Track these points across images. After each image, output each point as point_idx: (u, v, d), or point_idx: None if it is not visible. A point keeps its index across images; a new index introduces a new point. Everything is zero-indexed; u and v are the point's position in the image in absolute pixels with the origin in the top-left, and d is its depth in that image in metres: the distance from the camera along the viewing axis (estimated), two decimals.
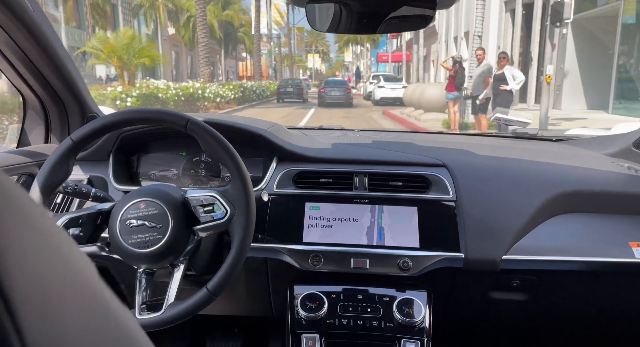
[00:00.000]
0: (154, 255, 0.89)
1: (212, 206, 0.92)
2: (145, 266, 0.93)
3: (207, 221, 0.92)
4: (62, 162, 0.92)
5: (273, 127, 1.28)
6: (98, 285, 0.24)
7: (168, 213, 0.89)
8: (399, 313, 1.02)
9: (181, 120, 0.91)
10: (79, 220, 0.94)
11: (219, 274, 0.89)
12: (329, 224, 1.13)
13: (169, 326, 0.87)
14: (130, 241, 0.89)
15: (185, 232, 0.92)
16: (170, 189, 0.95)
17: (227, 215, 0.91)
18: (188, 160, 1.29)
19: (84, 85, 1.33)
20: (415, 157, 1.24)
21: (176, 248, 0.91)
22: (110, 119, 0.94)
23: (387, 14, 0.91)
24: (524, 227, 1.09)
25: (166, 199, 0.91)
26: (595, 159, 1.37)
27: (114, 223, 0.90)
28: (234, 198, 0.92)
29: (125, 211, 0.90)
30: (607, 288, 1.16)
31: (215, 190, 0.94)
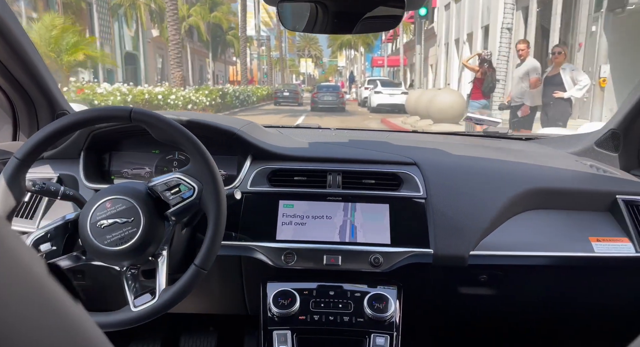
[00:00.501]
0: (134, 249, 0.88)
1: (179, 187, 0.91)
2: (128, 262, 0.91)
3: (177, 202, 0.91)
4: (12, 183, 0.89)
5: (248, 125, 1.28)
6: (49, 283, 0.24)
7: (136, 205, 0.89)
8: (370, 308, 1.04)
9: (123, 113, 0.90)
10: (47, 235, 0.92)
11: (204, 248, 0.89)
12: (303, 222, 1.14)
13: (168, 310, 0.87)
14: (106, 242, 0.88)
15: (159, 219, 0.91)
16: (132, 183, 0.95)
17: (195, 191, 0.91)
18: (161, 158, 1.28)
19: (54, 82, 1.31)
20: (388, 156, 1.26)
21: (154, 237, 0.90)
22: (51, 128, 0.92)
23: (362, 13, 0.91)
24: (491, 224, 1.12)
25: (131, 192, 0.90)
26: (561, 158, 1.43)
27: (85, 229, 0.89)
28: (197, 174, 0.92)
29: (93, 214, 0.89)
30: (569, 282, 1.19)
31: (177, 171, 0.93)
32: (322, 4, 0.90)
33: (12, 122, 1.33)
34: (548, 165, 1.30)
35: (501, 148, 1.55)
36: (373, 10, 0.91)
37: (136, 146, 1.28)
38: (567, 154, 1.49)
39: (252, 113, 17.37)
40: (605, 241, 1.12)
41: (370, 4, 0.90)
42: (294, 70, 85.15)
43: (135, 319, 0.87)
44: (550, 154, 1.49)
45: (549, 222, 1.16)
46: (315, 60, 76.04)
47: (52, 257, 0.91)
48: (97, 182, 1.21)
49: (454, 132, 2.11)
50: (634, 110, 1.27)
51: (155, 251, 0.92)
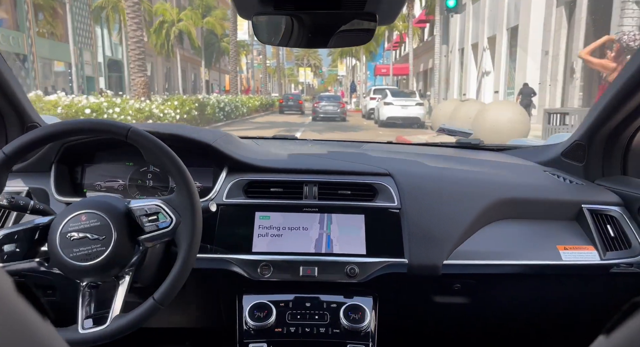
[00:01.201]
0: (97, 267, 0.85)
1: (157, 215, 0.89)
2: (89, 279, 0.89)
3: (151, 230, 0.89)
4: None
5: (223, 136, 1.26)
6: (15, 300, 0.23)
7: (111, 224, 0.86)
8: (346, 319, 1.04)
9: (121, 130, 0.89)
10: (14, 236, 0.89)
11: (166, 283, 0.87)
12: (279, 233, 1.12)
13: (115, 338, 0.85)
14: (72, 255, 0.85)
15: (130, 243, 0.89)
16: (112, 200, 0.92)
17: (172, 223, 0.89)
18: (135, 170, 1.25)
19: (23, 94, 1.28)
20: (363, 167, 1.26)
21: (120, 260, 0.88)
22: (47, 130, 0.90)
23: (337, 27, 0.92)
24: (464, 233, 1.12)
25: (108, 210, 0.88)
26: (530, 168, 1.45)
27: (54, 237, 0.86)
28: (178, 206, 0.90)
29: (66, 224, 0.86)
30: (538, 290, 1.19)
31: (159, 199, 0.91)
32: (298, 18, 0.90)
33: None
34: (517, 176, 1.33)
35: (473, 158, 1.56)
36: (347, 24, 0.91)
37: (109, 158, 1.25)
38: (535, 164, 1.50)
39: (239, 127, 14.84)
40: (572, 249, 1.14)
41: (345, 18, 0.91)
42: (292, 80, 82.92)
43: (79, 341, 0.83)
44: (520, 164, 1.51)
45: (519, 232, 1.18)
46: (314, 70, 73.82)
47: (13, 259, 0.88)
48: (69, 195, 1.17)
49: (428, 143, 2.13)
50: (596, 122, 1.27)
51: (118, 273, 0.89)
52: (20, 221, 1.14)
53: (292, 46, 0.96)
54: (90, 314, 0.87)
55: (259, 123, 16.73)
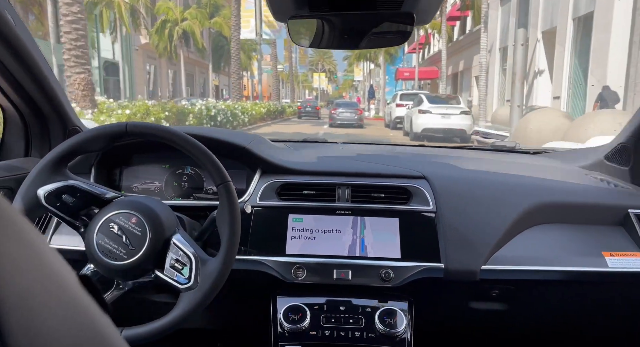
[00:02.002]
0: (108, 268, 0.86)
1: (182, 267, 0.87)
2: (96, 268, 0.89)
3: (169, 275, 0.88)
4: (104, 138, 0.91)
5: (256, 139, 1.27)
6: (80, 293, 0.24)
7: (147, 243, 0.86)
8: (381, 324, 1.02)
9: (218, 179, 0.90)
10: (77, 192, 0.90)
11: (141, 329, 0.85)
12: (312, 236, 1.12)
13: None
14: (100, 241, 0.85)
15: (147, 267, 0.88)
16: (167, 221, 0.90)
17: (187, 285, 0.87)
18: (171, 172, 1.27)
19: (66, 98, 1.31)
20: (397, 169, 1.24)
21: (129, 274, 0.88)
22: (169, 132, 0.91)
23: (369, 30, 0.90)
24: (502, 238, 1.10)
25: (156, 228, 0.87)
26: (570, 172, 1.41)
27: (101, 216, 0.87)
28: (205, 274, 0.87)
29: (118, 213, 0.87)
30: (582, 297, 1.16)
31: (197, 252, 0.88)
32: (329, 20, 0.89)
33: (24, 138, 1.32)
34: (558, 179, 1.28)
35: (510, 162, 1.52)
36: (380, 26, 0.88)
37: (146, 161, 1.27)
38: (576, 168, 1.45)
39: None
40: (619, 255, 1.09)
41: (378, 20, 0.87)
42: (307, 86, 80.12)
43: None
44: (560, 168, 1.46)
45: (561, 237, 1.14)
46: (329, 75, 70.85)
47: (62, 209, 0.89)
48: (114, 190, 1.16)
49: (461, 145, 2.12)
50: None
51: (120, 280, 0.90)
52: (61, 223, 1.13)
53: (324, 48, 0.95)
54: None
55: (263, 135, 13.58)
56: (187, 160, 1.21)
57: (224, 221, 0.89)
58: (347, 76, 58.64)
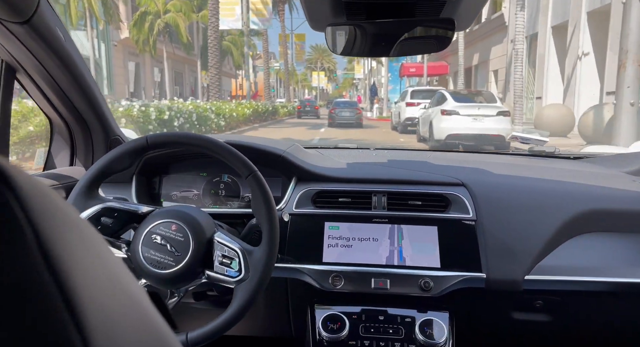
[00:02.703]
0: (159, 277, 0.87)
1: (231, 261, 0.89)
2: (147, 281, 0.90)
3: (219, 272, 0.90)
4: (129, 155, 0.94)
5: (291, 147, 1.27)
6: (150, 308, 0.24)
7: (192, 245, 0.87)
8: (421, 334, 1.00)
9: (245, 170, 0.91)
10: (114, 213, 0.92)
11: (205, 329, 0.86)
12: (349, 244, 1.10)
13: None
14: (146, 255, 0.87)
15: (197, 270, 0.90)
16: (205, 223, 0.92)
17: (239, 276, 0.89)
18: (208, 181, 1.27)
19: (108, 109, 1.33)
20: (434, 176, 1.20)
21: (181, 280, 0.89)
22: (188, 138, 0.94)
23: (400, 36, 0.89)
24: (545, 247, 1.06)
25: (197, 231, 0.89)
26: (616, 177, 1.33)
27: (142, 230, 0.88)
28: (253, 262, 0.89)
29: (157, 225, 0.88)
30: (631, 310, 1.11)
31: (241, 245, 0.90)
32: (362, 29, 0.89)
33: (69, 148, 1.36)
34: (604, 186, 1.21)
35: (550, 167, 1.45)
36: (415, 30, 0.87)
37: (184, 169, 1.28)
38: (622, 173, 1.36)
39: None
40: None
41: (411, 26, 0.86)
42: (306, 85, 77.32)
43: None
44: (604, 173, 1.38)
45: (609, 246, 1.09)
46: (328, 74, 68.00)
47: (103, 231, 0.91)
48: (147, 204, 1.12)
49: (498, 151, 2.06)
50: None
51: (172, 289, 0.92)
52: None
53: (356, 55, 0.94)
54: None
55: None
56: (224, 168, 1.23)
57: (259, 210, 0.89)
58: (347, 74, 55.81)
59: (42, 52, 1.03)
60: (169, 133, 0.95)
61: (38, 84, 1.15)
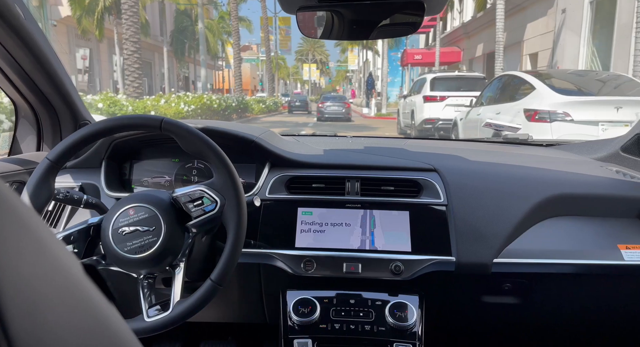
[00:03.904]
0: (152, 258, 0.86)
1: (201, 200, 0.89)
2: (146, 270, 0.89)
3: (198, 214, 0.88)
4: (42, 183, 0.89)
5: (265, 133, 1.25)
6: (85, 283, 0.23)
7: (159, 215, 0.87)
8: (392, 317, 1.00)
9: (154, 122, 0.89)
10: (70, 237, 0.90)
11: (221, 264, 0.87)
12: (322, 229, 1.10)
13: (181, 322, 0.86)
14: (126, 248, 0.86)
15: (180, 230, 0.89)
16: (156, 192, 0.93)
17: (217, 205, 0.88)
18: (181, 166, 1.25)
19: (76, 93, 1.29)
20: (407, 162, 1.21)
21: (173, 248, 0.88)
22: (85, 131, 0.91)
23: (379, 21, 0.89)
24: (514, 231, 1.07)
25: (154, 201, 0.88)
26: (584, 163, 1.35)
27: (106, 234, 0.87)
28: (221, 188, 0.89)
29: (116, 220, 0.87)
30: (597, 290, 1.12)
31: (201, 184, 0.91)
32: (339, 12, 0.88)
33: (36, 133, 1.31)
34: (572, 171, 1.23)
35: (523, 154, 1.46)
36: (390, 17, 0.87)
37: (156, 155, 1.25)
38: (591, 159, 1.40)
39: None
40: (636, 248, 1.05)
41: (388, 11, 0.86)
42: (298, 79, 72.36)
43: (148, 329, 0.84)
44: (574, 160, 1.40)
45: (575, 230, 1.10)
46: (320, 67, 63.03)
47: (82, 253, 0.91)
48: (118, 190, 1.18)
49: (471, 139, 1.94)
50: None
51: (173, 262, 0.89)
52: (73, 215, 1.16)
53: (334, 38, 0.93)
54: (152, 304, 0.87)
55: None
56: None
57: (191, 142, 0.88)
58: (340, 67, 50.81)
59: (0, 31, 0.97)
60: (65, 140, 0.90)
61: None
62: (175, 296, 0.86)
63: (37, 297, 0.19)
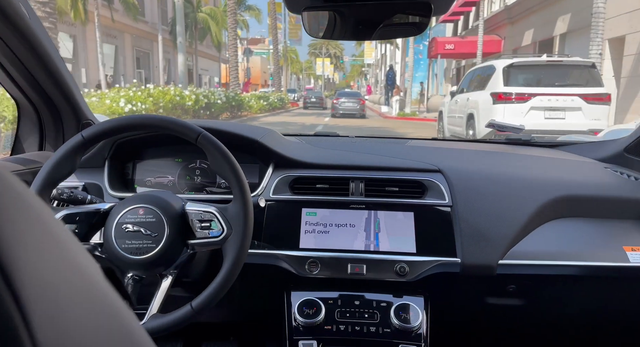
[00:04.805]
0: (145, 263, 0.85)
1: (210, 223, 0.88)
2: (134, 272, 0.88)
3: (202, 236, 0.88)
4: (69, 157, 0.88)
5: (269, 133, 1.22)
6: (103, 285, 0.23)
7: (165, 223, 0.85)
8: (397, 319, 0.99)
9: (192, 133, 0.88)
10: (76, 217, 0.89)
11: (206, 293, 0.85)
12: (326, 230, 1.08)
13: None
14: (124, 246, 0.85)
15: (179, 244, 0.88)
16: (171, 199, 0.90)
17: (223, 234, 0.87)
18: (184, 166, 1.23)
19: (79, 92, 1.27)
20: (411, 163, 1.18)
21: (168, 259, 0.87)
22: (124, 121, 0.90)
23: (382, 21, 0.87)
24: (519, 232, 1.05)
25: (165, 208, 0.87)
26: (588, 165, 1.33)
27: (110, 225, 0.86)
28: (232, 217, 0.88)
29: (124, 214, 0.86)
30: (602, 292, 1.11)
31: (215, 206, 0.89)
32: (343, 13, 0.87)
33: (38, 132, 1.28)
34: (576, 173, 1.23)
35: (526, 155, 1.41)
36: (395, 17, 0.86)
37: (159, 155, 1.23)
38: (594, 161, 1.36)
39: None
40: None
41: (393, 11, 0.84)
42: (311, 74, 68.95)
43: None
44: (578, 161, 1.36)
45: (580, 231, 1.08)
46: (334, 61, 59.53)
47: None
48: (120, 190, 1.16)
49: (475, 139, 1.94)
50: None
51: (163, 271, 0.88)
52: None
53: (337, 38, 0.92)
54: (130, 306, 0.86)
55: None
56: (200, 155, 1.16)
57: (221, 166, 0.86)
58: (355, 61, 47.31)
59: (5, 30, 0.97)
60: (104, 122, 0.89)
61: (2, 64, 1.08)
62: (154, 307, 0.84)
63: (58, 295, 0.19)
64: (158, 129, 0.89)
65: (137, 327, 0.24)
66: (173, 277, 0.87)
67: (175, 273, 0.88)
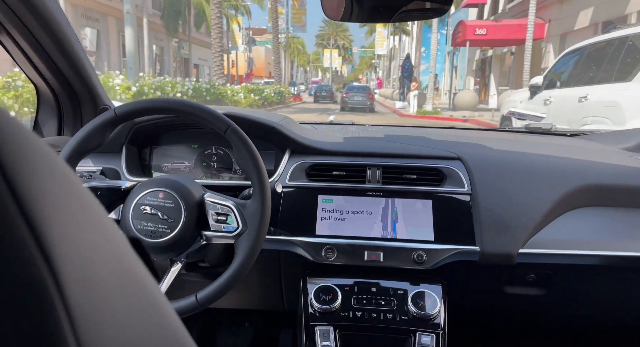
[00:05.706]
0: (157, 247, 0.86)
1: (226, 217, 0.88)
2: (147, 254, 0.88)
3: (217, 229, 0.88)
4: (99, 131, 0.89)
5: (285, 120, 1.20)
6: (130, 252, 0.24)
7: (183, 210, 0.86)
8: (414, 306, 0.97)
9: (223, 125, 0.87)
10: (97, 191, 0.90)
11: (212, 287, 0.85)
12: (342, 217, 1.06)
13: None
14: (139, 227, 0.85)
15: (193, 233, 0.88)
16: (192, 186, 0.90)
17: (237, 230, 0.87)
18: (200, 152, 1.21)
19: (96, 77, 1.25)
20: (429, 150, 1.15)
21: (180, 246, 0.87)
22: (158, 103, 0.89)
23: (400, 6, 0.86)
24: (540, 221, 1.02)
25: (185, 195, 0.87)
26: (612, 153, 1.27)
27: (129, 204, 0.86)
28: (249, 214, 0.88)
29: (144, 196, 0.86)
30: (625, 283, 1.07)
31: (234, 201, 0.89)
32: None
33: (57, 117, 1.27)
34: (601, 161, 1.16)
35: (547, 144, 1.37)
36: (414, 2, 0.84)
37: (176, 140, 1.22)
38: (618, 149, 1.32)
39: None
40: None
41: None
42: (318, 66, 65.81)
43: None
44: (601, 149, 1.32)
45: (602, 221, 1.05)
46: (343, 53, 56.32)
47: None
48: (137, 175, 1.15)
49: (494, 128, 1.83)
50: None
51: (173, 257, 0.89)
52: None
53: (355, 21, 0.91)
54: None
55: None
56: (216, 141, 1.18)
57: (245, 162, 0.87)
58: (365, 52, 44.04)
59: (24, 12, 0.96)
60: (137, 101, 0.89)
61: (22, 47, 1.06)
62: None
63: (90, 260, 0.19)
64: (190, 116, 0.87)
65: (162, 299, 0.24)
66: (182, 265, 0.88)
67: (185, 261, 0.88)
